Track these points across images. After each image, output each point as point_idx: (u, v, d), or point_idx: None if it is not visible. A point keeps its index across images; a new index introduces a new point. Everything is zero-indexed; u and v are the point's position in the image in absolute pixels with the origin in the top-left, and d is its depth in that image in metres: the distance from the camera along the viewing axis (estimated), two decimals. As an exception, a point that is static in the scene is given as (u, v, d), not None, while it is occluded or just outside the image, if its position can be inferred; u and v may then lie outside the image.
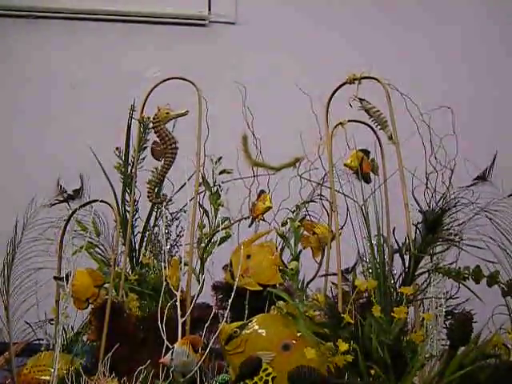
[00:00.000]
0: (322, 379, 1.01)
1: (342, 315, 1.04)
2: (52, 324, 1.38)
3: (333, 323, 1.03)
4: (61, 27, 2.81)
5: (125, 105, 1.61)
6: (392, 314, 1.01)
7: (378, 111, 1.36)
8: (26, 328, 1.36)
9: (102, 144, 1.58)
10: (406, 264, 1.14)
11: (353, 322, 1.02)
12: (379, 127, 1.37)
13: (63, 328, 1.47)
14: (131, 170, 1.49)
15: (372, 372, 1.00)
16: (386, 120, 1.35)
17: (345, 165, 1.47)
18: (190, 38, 2.84)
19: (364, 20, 2.93)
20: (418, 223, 1.18)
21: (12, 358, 1.32)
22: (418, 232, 1.18)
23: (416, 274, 1.13)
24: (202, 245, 1.42)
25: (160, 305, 1.22)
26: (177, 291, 1.24)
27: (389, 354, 0.98)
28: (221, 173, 1.50)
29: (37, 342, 1.40)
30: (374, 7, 2.95)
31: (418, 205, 1.22)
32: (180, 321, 1.23)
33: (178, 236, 1.49)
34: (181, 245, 1.48)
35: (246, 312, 1.35)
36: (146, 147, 1.48)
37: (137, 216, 1.49)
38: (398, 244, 1.19)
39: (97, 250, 1.47)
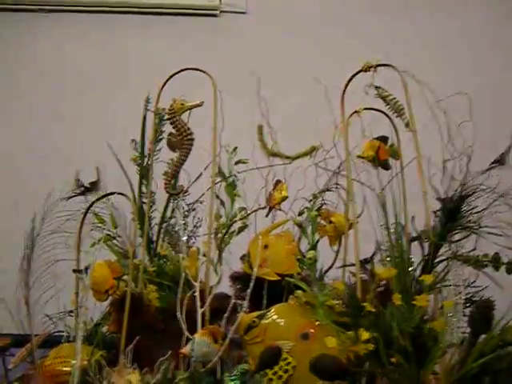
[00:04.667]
0: (343, 368, 1.01)
1: (363, 304, 1.03)
2: (71, 316, 1.38)
3: (353, 312, 1.03)
4: (73, 20, 2.81)
5: (138, 97, 1.61)
6: (413, 302, 1.01)
7: (395, 98, 1.35)
8: (46, 320, 1.37)
9: (117, 137, 1.59)
10: (426, 252, 1.13)
11: (374, 310, 1.02)
12: (396, 115, 1.36)
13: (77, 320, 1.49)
14: (147, 162, 1.49)
15: (393, 360, 1.01)
16: (403, 108, 1.34)
17: (358, 156, 1.47)
18: (201, 28, 2.83)
19: (382, 5, 2.90)
20: (436, 211, 1.17)
21: (34, 349, 1.33)
22: (436, 220, 1.18)
23: (435, 261, 1.12)
24: (220, 235, 1.42)
25: (179, 296, 1.22)
26: (196, 282, 1.24)
27: (410, 343, 0.98)
28: (236, 163, 1.50)
29: (57, 333, 1.41)
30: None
31: (436, 192, 1.21)
32: (199, 311, 1.23)
33: (194, 227, 1.49)
34: (198, 236, 1.48)
35: (265, 302, 1.36)
36: (161, 139, 1.48)
37: (154, 208, 1.49)
38: (416, 232, 1.19)
39: (114, 242, 1.47)
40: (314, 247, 1.42)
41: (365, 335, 0.99)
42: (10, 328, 1.32)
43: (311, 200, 1.47)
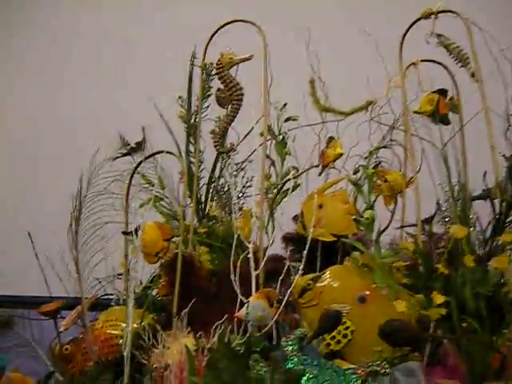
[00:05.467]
0: (413, 332, 0.96)
1: (437, 266, 0.97)
2: (121, 279, 1.35)
3: (425, 274, 0.97)
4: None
5: (181, 55, 1.55)
6: (492, 263, 0.94)
7: (458, 47, 1.26)
8: (95, 283, 1.34)
9: (162, 96, 1.53)
10: (497, 210, 1.06)
11: (447, 272, 0.95)
12: (460, 65, 1.27)
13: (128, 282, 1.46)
14: (195, 120, 1.43)
15: (464, 325, 0.95)
16: (468, 56, 1.25)
17: (415, 112, 1.39)
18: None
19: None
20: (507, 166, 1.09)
21: (84, 312, 1.31)
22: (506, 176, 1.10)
23: (507, 220, 1.05)
24: (271, 195, 1.36)
25: (232, 258, 1.17)
26: (249, 243, 1.19)
27: (485, 307, 0.92)
28: (286, 120, 1.43)
29: (106, 297, 1.38)
30: None
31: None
32: (253, 274, 1.19)
33: (244, 187, 1.43)
34: (248, 196, 1.43)
35: (319, 264, 1.31)
36: (209, 95, 1.42)
37: (202, 167, 1.44)
38: (485, 189, 1.11)
39: (162, 203, 1.42)
40: (371, 206, 1.35)
41: (439, 299, 0.93)
42: (60, 291, 1.29)
43: (366, 157, 1.39)
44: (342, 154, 1.37)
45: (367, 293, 1.22)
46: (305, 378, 0.98)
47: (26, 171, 2.50)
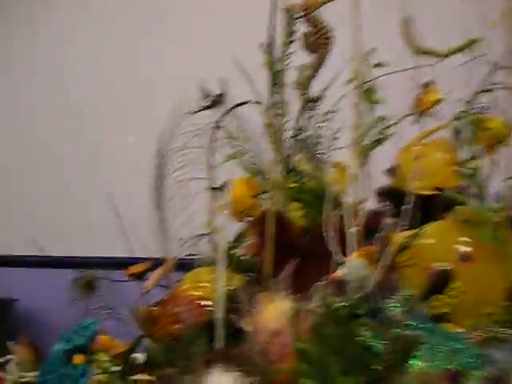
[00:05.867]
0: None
1: None
2: (205, 238, 1.29)
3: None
4: None
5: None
6: None
7: None
8: (180, 243, 1.28)
9: (240, 45, 1.44)
10: None
11: None
12: None
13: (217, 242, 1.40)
14: (278, 68, 1.33)
15: None
16: None
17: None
18: None
19: None
20: None
21: (168, 273, 1.26)
22: None
23: None
24: (361, 147, 1.26)
25: (326, 214, 1.09)
26: (344, 198, 1.11)
27: None
28: (375, 66, 1.32)
29: (191, 257, 1.33)
30: None
31: None
32: (350, 231, 1.10)
33: (332, 139, 1.34)
34: (336, 148, 1.33)
35: (418, 220, 1.21)
36: (293, 40, 1.31)
37: (286, 119, 1.35)
38: None
39: (245, 158, 1.34)
40: (474, 156, 1.24)
41: None
42: (144, 252, 1.25)
43: (468, 101, 1.27)
44: (440, 100, 1.25)
45: (471, 250, 1.13)
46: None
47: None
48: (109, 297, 1.33)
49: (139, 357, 1.06)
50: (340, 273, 1.04)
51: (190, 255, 1.33)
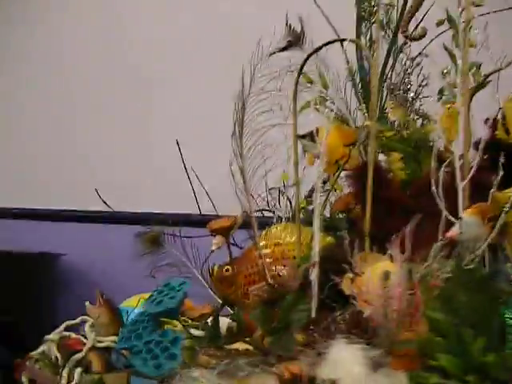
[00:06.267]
0: None
1: None
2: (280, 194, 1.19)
3: None
4: None
5: None
6: None
7: None
8: (257, 197, 1.17)
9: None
10: None
11: None
12: None
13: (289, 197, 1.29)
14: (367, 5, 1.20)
15: None
16: None
17: None
18: None
19: None
20: None
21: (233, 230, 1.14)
22: None
23: None
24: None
25: (433, 166, 0.97)
26: (452, 148, 0.99)
27: None
28: (478, 5, 1.18)
29: (269, 212, 1.22)
30: None
31: None
32: (460, 186, 0.98)
33: (420, 86, 1.21)
34: (425, 97, 1.21)
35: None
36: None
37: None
38: None
39: (328, 104, 1.22)
40: None
41: None
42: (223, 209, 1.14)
43: None
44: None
45: None
46: None
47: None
48: (175, 254, 1.23)
49: (225, 321, 0.95)
50: (455, 231, 0.92)
51: (265, 210, 1.22)
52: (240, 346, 0.83)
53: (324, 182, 1.28)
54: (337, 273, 0.94)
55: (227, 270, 1.15)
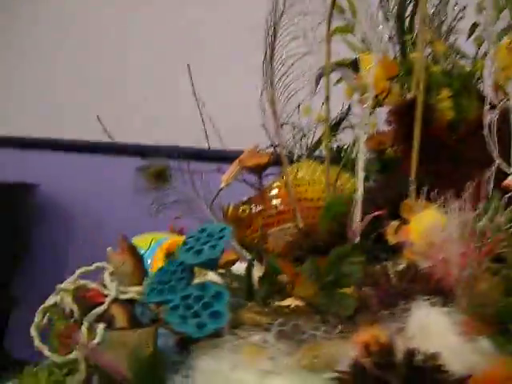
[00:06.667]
0: None
1: None
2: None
3: None
4: None
5: None
6: None
7: None
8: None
9: None
10: None
11: None
12: None
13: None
14: None
15: None
16: None
17: None
18: None
19: None
20: None
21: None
22: None
23: None
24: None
25: (486, 106, 0.89)
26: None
27: None
28: None
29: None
30: None
31: None
32: (516, 129, 0.91)
33: (455, 19, 1.12)
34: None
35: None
36: None
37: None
38: None
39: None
40: None
41: None
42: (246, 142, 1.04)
43: None
44: None
45: None
46: None
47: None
48: (185, 190, 1.12)
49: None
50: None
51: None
52: (293, 302, 0.74)
53: (341, 119, 1.20)
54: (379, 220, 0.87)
55: (243, 211, 1.06)
